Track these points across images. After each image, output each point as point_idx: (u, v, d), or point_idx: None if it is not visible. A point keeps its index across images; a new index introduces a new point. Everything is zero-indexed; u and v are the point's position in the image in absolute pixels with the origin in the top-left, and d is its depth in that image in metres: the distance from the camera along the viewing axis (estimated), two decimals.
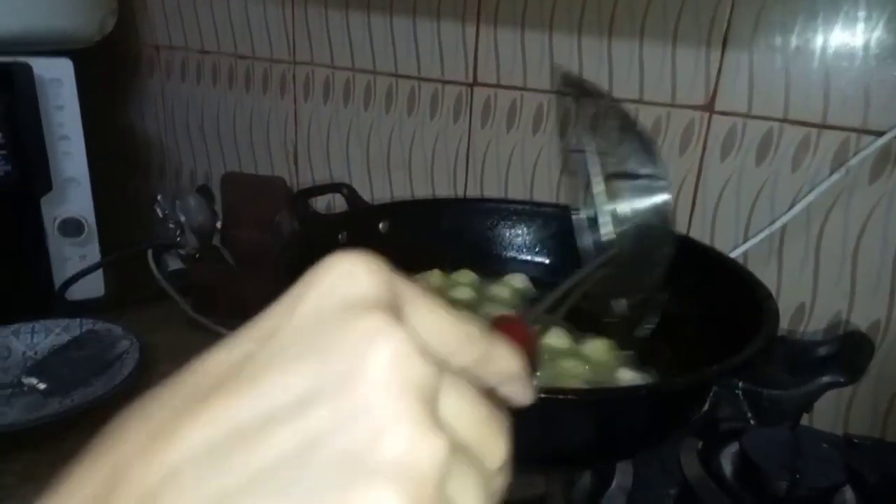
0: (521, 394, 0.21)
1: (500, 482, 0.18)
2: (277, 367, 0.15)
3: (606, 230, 0.41)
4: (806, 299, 0.67)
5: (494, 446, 0.17)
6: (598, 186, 0.42)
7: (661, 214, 0.44)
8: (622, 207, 0.42)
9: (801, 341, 0.43)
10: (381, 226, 0.62)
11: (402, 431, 0.15)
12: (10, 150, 0.73)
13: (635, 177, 0.43)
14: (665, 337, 0.52)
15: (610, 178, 0.42)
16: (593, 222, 0.47)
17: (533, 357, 0.24)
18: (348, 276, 0.17)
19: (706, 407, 0.38)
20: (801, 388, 0.36)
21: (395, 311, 0.17)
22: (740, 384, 0.37)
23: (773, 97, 0.64)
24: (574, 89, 0.49)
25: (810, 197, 0.62)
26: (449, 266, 0.63)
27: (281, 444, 0.14)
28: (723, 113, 0.67)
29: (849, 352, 0.39)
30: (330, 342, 0.16)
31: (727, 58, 0.65)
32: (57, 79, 0.76)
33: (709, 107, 0.67)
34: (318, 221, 0.61)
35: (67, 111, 0.77)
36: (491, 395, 0.20)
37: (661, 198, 0.45)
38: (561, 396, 0.33)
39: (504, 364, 0.20)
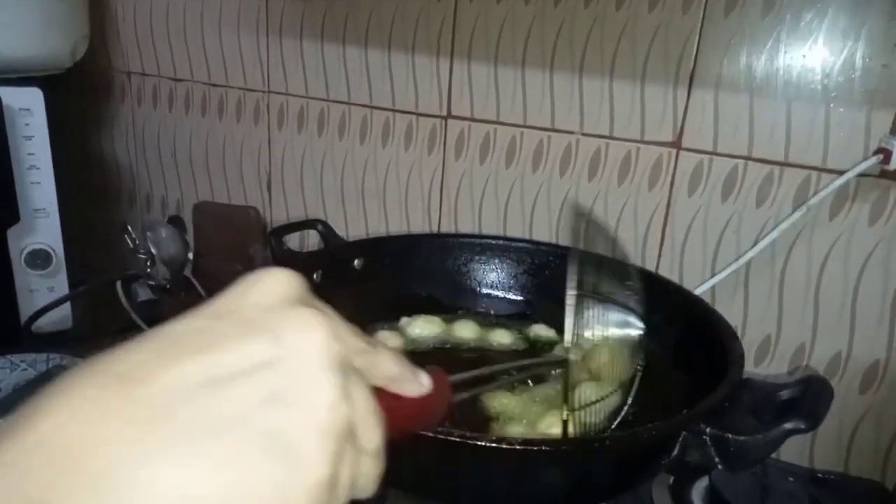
0: (410, 389, 0.27)
1: (372, 464, 0.24)
2: (235, 338, 0.21)
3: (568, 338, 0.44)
4: (771, 332, 0.68)
5: (373, 432, 0.23)
6: (571, 299, 0.44)
7: (631, 345, 0.47)
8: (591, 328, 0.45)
9: (764, 384, 0.44)
10: (355, 263, 0.62)
11: (326, 393, 0.21)
12: None
13: (611, 300, 0.46)
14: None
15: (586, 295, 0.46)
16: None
17: (440, 401, 0.29)
18: (282, 282, 0.23)
19: (675, 452, 0.38)
20: (766, 435, 0.37)
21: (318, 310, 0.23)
22: (707, 430, 0.38)
23: (738, 135, 0.66)
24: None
25: (774, 234, 0.64)
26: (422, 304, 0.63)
27: (243, 397, 0.20)
28: (690, 150, 0.68)
29: (810, 397, 0.40)
30: (277, 326, 0.21)
31: (694, 96, 0.67)
32: (26, 108, 0.75)
33: (676, 143, 0.69)
34: (291, 260, 0.61)
35: (37, 141, 0.76)
36: (382, 395, 0.25)
37: (632, 332, 0.47)
38: (532, 448, 0.33)
39: (386, 367, 0.25)
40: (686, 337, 0.53)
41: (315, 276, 0.56)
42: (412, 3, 0.76)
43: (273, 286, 0.23)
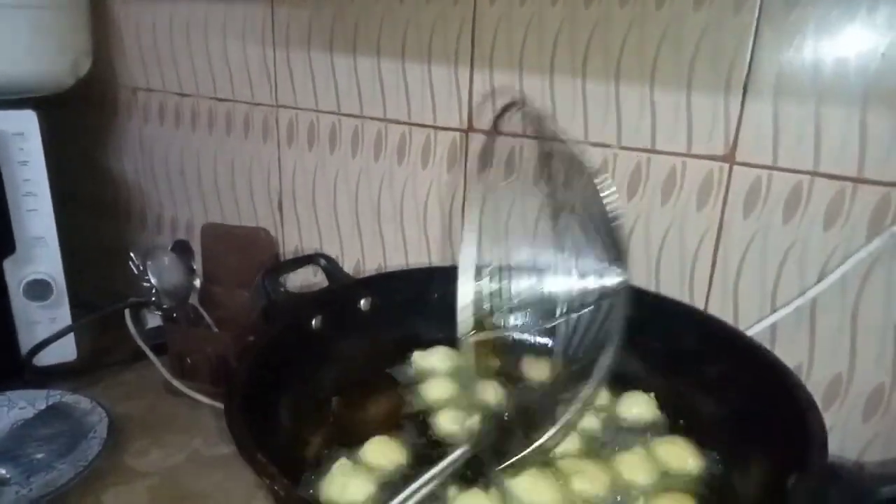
0: None
1: None
2: None
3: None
4: (842, 370, 0.59)
5: None
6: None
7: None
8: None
9: (857, 477, 0.36)
10: (362, 303, 0.56)
11: None
12: None
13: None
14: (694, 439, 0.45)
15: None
16: None
17: None
18: None
19: None
20: None
21: None
22: None
23: (802, 147, 0.57)
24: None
25: (846, 265, 0.55)
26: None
27: None
28: (745, 164, 0.60)
29: None
30: None
31: (749, 103, 0.58)
32: (20, 132, 0.70)
33: (729, 157, 0.60)
34: (289, 303, 0.54)
35: (32, 166, 0.72)
36: None
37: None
38: None
39: None
40: (748, 395, 0.45)
41: (314, 322, 0.50)
42: (427, 9, 0.69)
43: None
